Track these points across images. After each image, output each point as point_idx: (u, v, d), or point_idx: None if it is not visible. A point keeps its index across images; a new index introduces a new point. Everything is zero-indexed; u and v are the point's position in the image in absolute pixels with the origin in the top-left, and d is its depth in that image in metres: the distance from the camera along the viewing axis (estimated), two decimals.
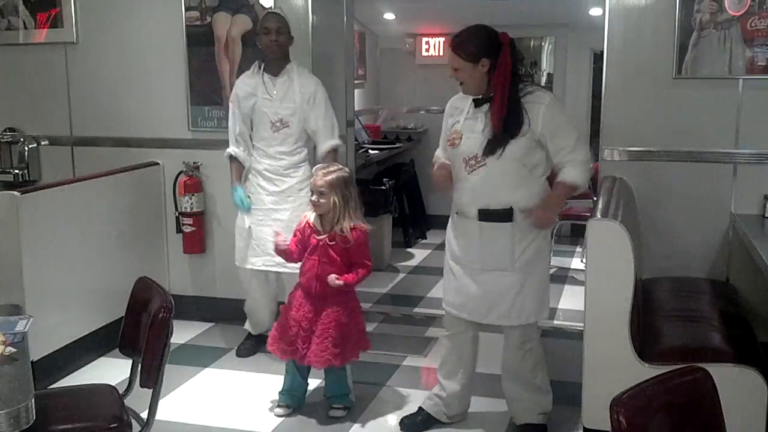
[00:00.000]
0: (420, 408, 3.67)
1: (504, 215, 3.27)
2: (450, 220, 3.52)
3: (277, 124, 4.24)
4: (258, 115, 4.28)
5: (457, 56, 3.23)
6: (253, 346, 4.57)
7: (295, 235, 3.72)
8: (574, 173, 3.25)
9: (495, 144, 3.21)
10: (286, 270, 4.20)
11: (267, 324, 4.52)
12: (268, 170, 4.29)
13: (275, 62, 4.27)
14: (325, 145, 4.26)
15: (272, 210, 4.29)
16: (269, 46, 4.22)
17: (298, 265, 3.75)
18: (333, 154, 4.26)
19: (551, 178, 3.36)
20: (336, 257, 3.59)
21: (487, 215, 3.29)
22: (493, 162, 3.22)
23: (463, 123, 3.33)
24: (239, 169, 4.38)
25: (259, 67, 4.31)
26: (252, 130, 4.34)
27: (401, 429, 3.62)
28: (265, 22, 4.26)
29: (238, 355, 4.54)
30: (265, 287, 4.47)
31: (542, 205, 3.27)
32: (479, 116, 3.29)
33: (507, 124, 3.19)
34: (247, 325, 4.64)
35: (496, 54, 3.19)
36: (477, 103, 3.30)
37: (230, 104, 4.39)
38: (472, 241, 3.35)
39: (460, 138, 3.31)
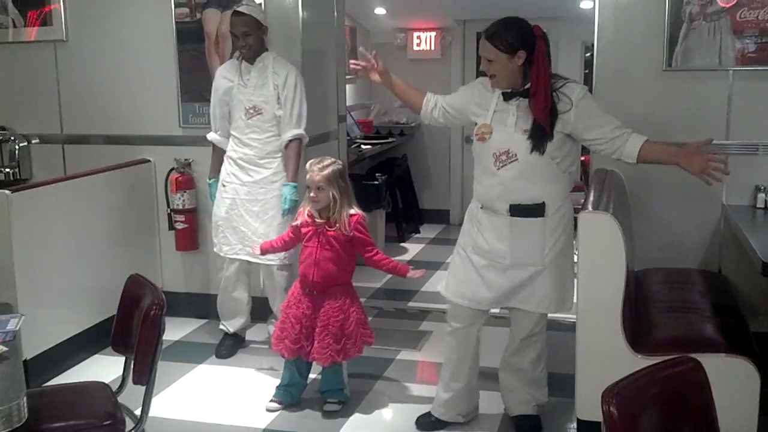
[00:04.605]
0: (430, 413, 3.61)
1: (536, 210, 3.22)
2: (469, 213, 3.43)
3: (251, 110, 4.23)
4: (234, 102, 4.29)
5: (493, 47, 3.15)
6: (231, 345, 4.51)
7: (294, 224, 3.76)
8: (638, 135, 3.18)
9: (540, 139, 3.14)
10: (257, 260, 4.24)
11: (242, 320, 4.50)
12: (243, 159, 4.28)
13: (251, 56, 4.28)
14: (286, 134, 4.21)
15: (245, 200, 4.28)
16: (240, 50, 4.26)
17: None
18: (296, 145, 4.21)
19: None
20: (335, 243, 3.61)
21: (519, 211, 3.22)
22: (526, 157, 3.16)
23: (492, 116, 3.25)
24: (219, 159, 4.40)
25: (239, 56, 4.33)
26: (230, 118, 4.34)
27: (417, 428, 3.58)
28: (231, 26, 4.22)
29: (218, 356, 4.45)
30: (238, 279, 4.43)
31: (689, 150, 3.09)
32: (510, 110, 3.21)
33: (551, 118, 3.13)
34: (221, 325, 4.57)
35: (531, 46, 3.13)
36: (506, 97, 3.22)
37: (212, 94, 4.41)
38: (501, 236, 3.27)
39: (490, 133, 3.22)
